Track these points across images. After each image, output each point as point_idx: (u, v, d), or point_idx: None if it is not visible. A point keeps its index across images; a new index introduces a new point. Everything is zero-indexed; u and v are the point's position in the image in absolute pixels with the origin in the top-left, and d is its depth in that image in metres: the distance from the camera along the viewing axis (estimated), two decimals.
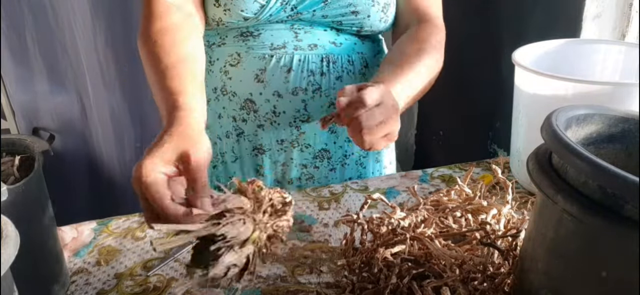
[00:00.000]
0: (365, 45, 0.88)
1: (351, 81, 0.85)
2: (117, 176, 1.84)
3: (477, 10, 1.53)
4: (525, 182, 0.81)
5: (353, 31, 0.85)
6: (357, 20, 0.82)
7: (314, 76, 0.83)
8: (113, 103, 1.73)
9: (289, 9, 0.80)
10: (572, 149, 0.38)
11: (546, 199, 0.42)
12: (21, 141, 0.61)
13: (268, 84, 0.82)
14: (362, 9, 0.81)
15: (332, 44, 0.84)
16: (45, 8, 1.57)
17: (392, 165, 1.02)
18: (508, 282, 0.53)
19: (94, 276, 0.66)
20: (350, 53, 0.85)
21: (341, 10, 0.81)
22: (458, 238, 0.61)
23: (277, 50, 0.82)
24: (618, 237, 0.38)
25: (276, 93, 0.83)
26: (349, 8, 0.81)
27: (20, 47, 1.60)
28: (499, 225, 0.62)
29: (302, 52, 0.82)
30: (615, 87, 0.68)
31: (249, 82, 0.83)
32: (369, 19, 0.82)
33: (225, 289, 0.61)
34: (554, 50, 0.85)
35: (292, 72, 0.82)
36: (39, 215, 0.58)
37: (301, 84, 0.82)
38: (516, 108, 0.81)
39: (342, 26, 0.83)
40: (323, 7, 0.80)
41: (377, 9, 0.82)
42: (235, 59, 0.83)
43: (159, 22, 0.73)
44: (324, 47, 0.83)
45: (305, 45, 0.82)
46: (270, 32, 0.82)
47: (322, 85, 0.83)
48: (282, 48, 0.82)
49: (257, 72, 0.82)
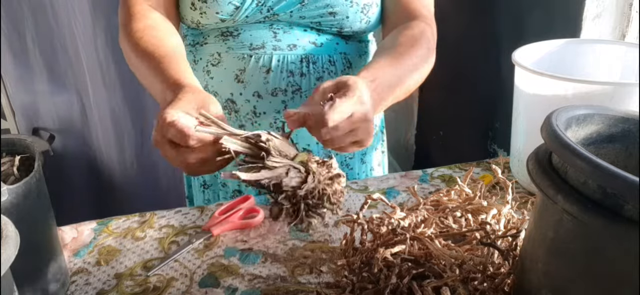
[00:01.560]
0: (348, 45, 0.86)
1: None
2: (117, 176, 1.84)
3: (477, 10, 1.53)
4: (525, 182, 0.81)
5: (333, 31, 0.84)
6: (336, 21, 0.81)
7: (294, 77, 0.82)
8: (113, 103, 1.73)
9: (266, 10, 0.79)
10: (572, 149, 0.38)
11: (546, 199, 0.42)
12: (21, 141, 0.61)
13: (248, 85, 0.82)
14: (340, 10, 0.80)
15: (312, 44, 0.83)
16: (45, 8, 1.57)
17: (380, 167, 1.01)
18: (508, 282, 0.53)
19: (94, 276, 0.66)
20: (331, 53, 0.84)
21: (318, 11, 0.80)
22: (458, 238, 0.61)
23: (256, 50, 0.81)
24: (618, 237, 0.38)
25: (256, 93, 0.82)
26: (326, 9, 0.80)
27: (20, 47, 1.60)
28: (499, 225, 0.62)
29: (281, 53, 0.81)
30: (615, 87, 0.68)
31: (230, 82, 0.82)
32: (348, 19, 0.81)
33: (226, 289, 0.62)
34: (554, 50, 0.85)
35: (271, 72, 0.81)
36: (39, 215, 0.58)
37: (280, 85, 0.82)
38: (516, 108, 0.81)
39: (321, 27, 0.82)
40: (300, 8, 0.80)
41: (355, 9, 0.81)
42: (216, 59, 0.83)
43: (141, 22, 0.74)
44: (304, 48, 0.82)
45: (284, 45, 0.82)
46: (250, 32, 0.81)
47: (302, 86, 0.83)
48: (261, 48, 0.81)
49: (237, 72, 0.82)
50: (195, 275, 0.64)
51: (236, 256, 0.68)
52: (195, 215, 0.78)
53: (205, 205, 0.80)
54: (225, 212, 0.76)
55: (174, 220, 0.77)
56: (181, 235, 0.73)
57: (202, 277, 0.64)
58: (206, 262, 0.67)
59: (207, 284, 0.63)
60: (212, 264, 0.66)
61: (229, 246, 0.70)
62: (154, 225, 0.76)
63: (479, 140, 1.61)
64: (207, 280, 0.64)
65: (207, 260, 0.67)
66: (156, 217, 0.78)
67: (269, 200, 0.78)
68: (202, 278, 0.64)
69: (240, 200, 0.79)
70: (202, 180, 0.94)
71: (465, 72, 1.60)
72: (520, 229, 0.58)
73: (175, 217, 0.77)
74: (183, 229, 0.75)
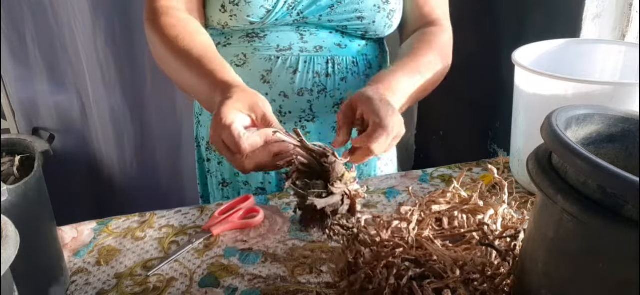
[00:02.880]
0: (368, 47, 0.89)
1: (355, 82, 0.86)
2: (117, 176, 1.83)
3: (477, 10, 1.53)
4: (525, 182, 0.81)
5: (358, 35, 0.86)
6: (363, 25, 0.83)
7: (320, 77, 0.84)
8: (113, 103, 1.73)
9: (296, 14, 0.81)
10: (572, 149, 0.38)
11: (546, 199, 0.42)
12: (21, 141, 0.61)
13: (274, 85, 0.83)
14: (368, 15, 0.82)
15: (337, 46, 0.85)
16: (45, 8, 1.57)
17: (392, 163, 1.02)
18: (508, 283, 0.53)
19: (94, 276, 0.66)
20: (354, 55, 0.86)
21: (347, 16, 0.82)
22: (457, 238, 0.61)
23: (283, 52, 0.82)
24: (618, 237, 0.38)
25: (282, 93, 0.83)
26: (355, 14, 0.82)
27: (20, 47, 1.60)
28: (497, 226, 0.62)
29: (307, 54, 0.83)
30: (615, 87, 0.68)
31: (255, 82, 0.83)
32: (374, 24, 0.84)
33: (226, 289, 0.62)
34: (554, 50, 0.85)
35: (298, 73, 0.83)
36: (39, 215, 0.58)
37: (307, 85, 0.83)
38: (516, 108, 0.81)
39: (347, 30, 0.85)
40: (329, 12, 0.81)
41: (382, 15, 0.83)
42: (242, 60, 0.84)
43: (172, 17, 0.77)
44: (329, 49, 0.84)
45: (310, 47, 0.83)
46: (276, 34, 0.83)
47: (327, 86, 0.84)
48: (288, 50, 0.82)
49: (263, 72, 0.83)
50: (195, 275, 0.64)
51: (236, 256, 0.68)
52: (195, 215, 0.78)
53: (206, 205, 0.80)
54: (225, 212, 0.76)
55: (174, 220, 0.77)
56: (181, 235, 0.73)
57: (202, 277, 0.64)
58: (206, 262, 0.67)
59: (207, 284, 0.63)
60: (212, 264, 0.66)
61: (229, 246, 0.70)
62: (154, 225, 0.76)
63: (479, 140, 1.61)
64: (207, 280, 0.64)
65: (207, 260, 0.67)
66: (156, 217, 0.78)
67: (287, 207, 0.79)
68: (202, 278, 0.64)
69: (240, 200, 0.79)
70: (221, 178, 0.95)
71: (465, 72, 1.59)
72: (519, 229, 0.58)
73: (175, 217, 0.77)
74: (183, 229, 0.75)
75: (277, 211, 0.78)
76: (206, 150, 0.96)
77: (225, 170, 0.93)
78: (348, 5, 0.81)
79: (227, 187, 0.95)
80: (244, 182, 0.92)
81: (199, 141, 0.98)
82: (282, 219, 0.76)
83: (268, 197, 0.83)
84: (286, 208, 0.79)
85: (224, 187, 0.95)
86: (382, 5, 0.83)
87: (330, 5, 0.81)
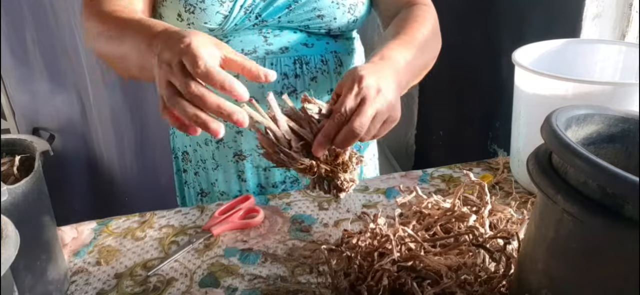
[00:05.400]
0: (338, 43, 0.86)
1: (326, 81, 0.84)
2: (117, 176, 1.84)
3: (477, 10, 1.53)
4: (525, 182, 0.81)
5: (322, 32, 0.84)
6: (324, 22, 0.81)
7: (288, 79, 0.82)
8: (113, 103, 1.73)
9: (254, 17, 0.79)
10: (572, 149, 0.38)
11: (546, 199, 0.42)
12: (21, 141, 0.61)
13: None
14: (328, 12, 0.80)
15: (303, 46, 0.83)
16: (45, 8, 1.57)
17: (375, 157, 1.01)
18: (504, 284, 0.53)
19: (94, 276, 0.66)
20: (323, 53, 0.84)
21: (306, 16, 0.80)
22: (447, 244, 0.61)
23: (248, 56, 0.80)
24: (618, 237, 0.38)
25: (252, 98, 0.82)
26: (314, 13, 0.80)
27: (20, 47, 1.60)
28: (485, 228, 0.62)
29: (273, 56, 0.81)
30: (615, 87, 0.68)
31: None
32: (336, 20, 0.82)
33: (226, 289, 0.62)
34: (554, 50, 0.85)
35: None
36: (39, 215, 0.58)
37: (276, 88, 0.81)
38: (516, 108, 0.81)
39: (310, 29, 0.83)
40: (287, 13, 0.79)
41: (342, 11, 0.81)
42: None
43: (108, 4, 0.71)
44: (296, 50, 0.82)
45: (276, 48, 0.81)
46: (239, 38, 0.81)
47: (296, 87, 0.83)
48: (253, 53, 0.81)
49: None
50: (195, 275, 0.64)
51: (236, 256, 0.68)
52: (195, 215, 0.78)
53: (206, 205, 0.80)
54: (225, 212, 0.76)
55: (174, 220, 0.77)
56: (181, 235, 0.73)
57: (202, 277, 0.64)
58: (206, 262, 0.67)
59: (207, 284, 0.63)
60: (212, 264, 0.66)
61: (229, 246, 0.70)
62: (154, 225, 0.76)
63: (479, 140, 1.61)
64: (207, 280, 0.64)
65: (207, 260, 0.67)
66: (156, 217, 0.78)
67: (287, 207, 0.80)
68: (202, 278, 0.64)
69: (240, 200, 0.79)
70: (199, 188, 0.94)
71: (465, 72, 1.60)
72: (511, 232, 0.58)
73: (175, 217, 0.77)
74: (183, 229, 0.75)
75: (277, 211, 0.78)
76: (182, 161, 0.95)
77: (202, 180, 0.93)
78: (305, 4, 0.79)
79: (206, 196, 0.94)
80: (220, 192, 0.91)
81: (176, 152, 0.97)
82: (282, 219, 0.76)
83: (268, 197, 0.83)
84: (286, 208, 0.79)
85: (202, 197, 0.94)
86: (340, 1, 0.80)
87: (287, 5, 0.79)
